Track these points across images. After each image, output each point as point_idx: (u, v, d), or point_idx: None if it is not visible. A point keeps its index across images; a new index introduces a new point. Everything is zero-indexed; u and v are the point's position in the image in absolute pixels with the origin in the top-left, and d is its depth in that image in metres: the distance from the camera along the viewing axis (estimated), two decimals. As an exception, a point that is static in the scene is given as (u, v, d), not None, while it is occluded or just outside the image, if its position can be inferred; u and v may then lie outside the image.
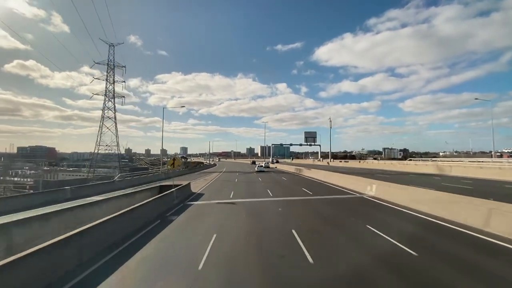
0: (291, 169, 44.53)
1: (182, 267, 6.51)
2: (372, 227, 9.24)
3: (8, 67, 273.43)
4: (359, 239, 8.28)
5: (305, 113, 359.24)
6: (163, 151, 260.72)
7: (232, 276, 6.00)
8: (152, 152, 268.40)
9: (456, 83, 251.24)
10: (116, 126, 76.53)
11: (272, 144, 69.93)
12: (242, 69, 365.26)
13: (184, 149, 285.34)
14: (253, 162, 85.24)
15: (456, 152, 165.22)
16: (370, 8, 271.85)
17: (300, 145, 69.83)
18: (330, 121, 64.66)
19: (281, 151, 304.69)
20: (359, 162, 58.97)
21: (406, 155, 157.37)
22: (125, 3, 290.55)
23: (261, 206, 13.86)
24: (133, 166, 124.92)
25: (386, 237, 8.22)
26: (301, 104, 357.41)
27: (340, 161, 65.62)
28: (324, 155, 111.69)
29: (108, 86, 77.02)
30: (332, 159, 66.35)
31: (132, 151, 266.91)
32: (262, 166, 49.03)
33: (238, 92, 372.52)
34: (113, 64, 77.90)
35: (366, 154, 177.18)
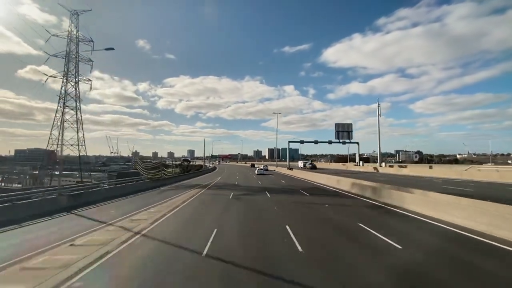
0: (341, 183, 23.11)
1: None
2: None
3: (21, 72, 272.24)
4: None
5: (313, 115, 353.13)
6: (171, 154, 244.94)
7: None
8: (159, 155, 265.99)
9: (469, 83, 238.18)
10: (78, 119, 57.24)
11: (289, 142, 49.22)
12: (249, 72, 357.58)
13: (191, 152, 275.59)
14: (252, 165, 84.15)
15: (475, 154, 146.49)
16: (380, 8, 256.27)
17: (330, 142, 48.99)
18: (379, 105, 43.20)
19: (290, 154, 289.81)
20: (430, 167, 37.10)
21: (422, 157, 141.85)
22: (132, 8, 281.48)
23: None
24: (124, 171, 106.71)
25: None
26: (309, 106, 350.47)
27: (391, 166, 43.92)
28: (338, 159, 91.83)
29: (70, 66, 58.15)
30: (384, 164, 44.28)
31: (139, 154, 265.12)
32: (262, 169, 48.10)
33: (245, 95, 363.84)
34: (77, 38, 59.16)
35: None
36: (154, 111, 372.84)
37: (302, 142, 50.41)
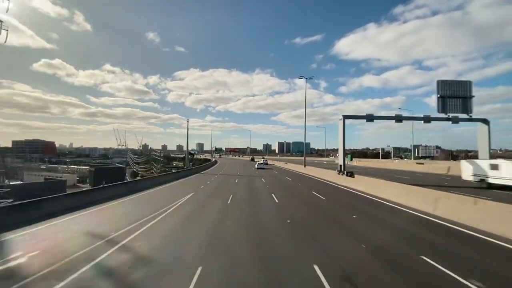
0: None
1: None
2: None
3: (36, 66, 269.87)
4: None
5: (324, 109, 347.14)
6: (180, 147, 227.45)
7: None
8: (168, 148, 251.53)
9: (490, 75, 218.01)
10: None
11: (344, 118, 23.69)
12: (259, 64, 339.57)
13: (200, 145, 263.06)
14: (252, 159, 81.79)
15: (501, 150, 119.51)
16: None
17: (428, 120, 23.14)
18: None
19: (301, 148, 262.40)
20: None
21: (449, 153, 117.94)
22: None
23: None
24: (102, 166, 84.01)
25: None
26: (320, 100, 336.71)
27: None
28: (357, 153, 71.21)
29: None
30: None
31: (149, 147, 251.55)
32: (261, 163, 47.24)
33: (255, 88, 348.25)
34: None
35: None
36: (164, 105, 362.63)
37: (370, 118, 24.97)
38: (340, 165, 23.38)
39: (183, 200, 14.49)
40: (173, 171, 40.88)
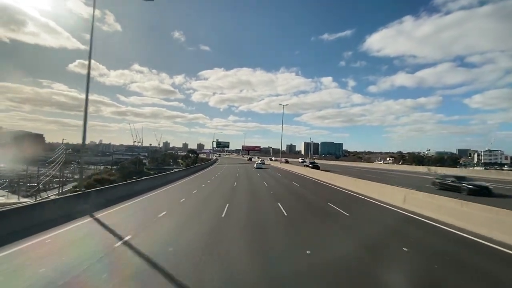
0: None
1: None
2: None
3: (71, 66, 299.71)
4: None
5: (351, 110, 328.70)
6: (201, 146, 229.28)
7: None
8: (189, 147, 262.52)
9: None
10: None
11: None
12: (284, 63, 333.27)
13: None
14: (250, 159, 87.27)
15: None
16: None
17: None
18: None
19: (331, 149, 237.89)
20: None
21: None
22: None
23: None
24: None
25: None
26: (348, 99, 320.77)
27: None
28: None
29: None
30: None
31: (170, 145, 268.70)
32: (259, 163, 51.46)
33: (279, 88, 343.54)
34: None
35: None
36: (189, 104, 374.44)
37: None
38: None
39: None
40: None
